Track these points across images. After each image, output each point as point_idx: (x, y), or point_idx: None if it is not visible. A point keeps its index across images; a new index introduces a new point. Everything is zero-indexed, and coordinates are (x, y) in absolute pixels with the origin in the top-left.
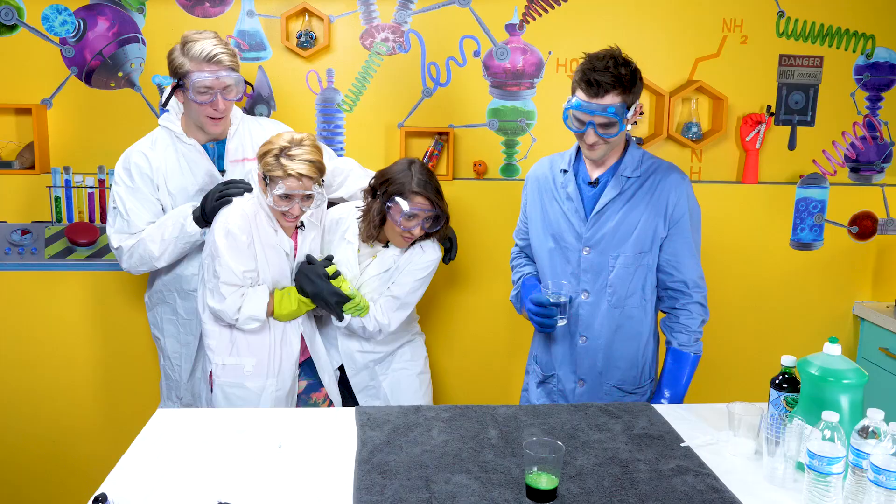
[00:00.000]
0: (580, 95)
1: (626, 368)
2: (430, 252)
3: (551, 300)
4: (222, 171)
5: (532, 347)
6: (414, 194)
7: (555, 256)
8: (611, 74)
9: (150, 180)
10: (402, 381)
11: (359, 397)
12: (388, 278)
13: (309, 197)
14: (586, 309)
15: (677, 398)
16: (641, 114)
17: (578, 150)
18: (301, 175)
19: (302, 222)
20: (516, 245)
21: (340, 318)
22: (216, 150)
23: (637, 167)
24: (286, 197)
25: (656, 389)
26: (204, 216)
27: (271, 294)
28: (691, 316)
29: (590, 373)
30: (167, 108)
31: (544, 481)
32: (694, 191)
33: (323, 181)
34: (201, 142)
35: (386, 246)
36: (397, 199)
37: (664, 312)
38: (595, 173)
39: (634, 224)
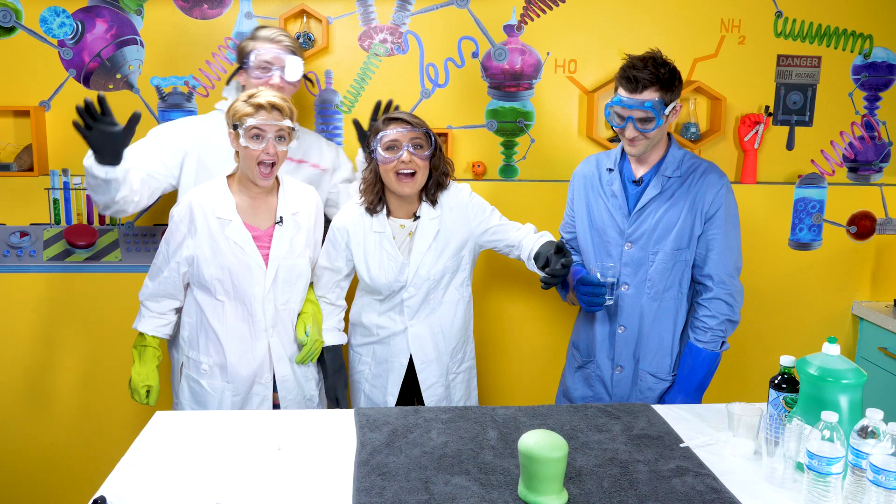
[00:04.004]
0: (621, 92)
1: (660, 357)
2: (460, 189)
3: (600, 280)
4: None
5: (572, 335)
6: (387, 122)
7: (598, 250)
8: (649, 72)
9: (178, 143)
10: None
11: (425, 395)
12: (443, 245)
13: (281, 137)
14: (626, 300)
15: (688, 398)
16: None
17: (623, 150)
18: (272, 105)
19: (281, 217)
20: (562, 238)
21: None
22: None
23: (678, 167)
24: (257, 136)
25: (672, 385)
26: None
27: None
28: (711, 313)
29: (627, 360)
30: (225, 95)
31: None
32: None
33: (294, 127)
34: None
35: (416, 218)
36: (376, 137)
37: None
38: (639, 172)
39: (673, 222)
